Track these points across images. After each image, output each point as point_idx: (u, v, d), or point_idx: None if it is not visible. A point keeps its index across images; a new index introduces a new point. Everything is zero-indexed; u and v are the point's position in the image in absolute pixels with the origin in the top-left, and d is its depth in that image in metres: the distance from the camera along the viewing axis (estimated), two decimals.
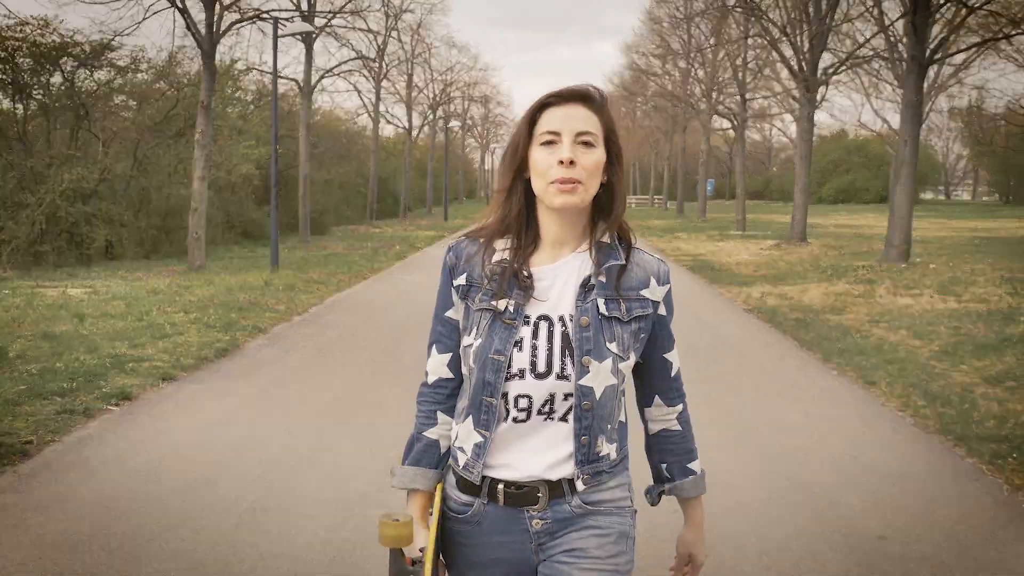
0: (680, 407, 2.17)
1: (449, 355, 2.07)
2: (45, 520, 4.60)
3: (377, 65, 36.60)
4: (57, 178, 17.33)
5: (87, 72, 20.03)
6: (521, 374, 1.94)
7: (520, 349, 1.95)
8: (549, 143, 1.91)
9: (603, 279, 1.97)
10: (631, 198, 77.67)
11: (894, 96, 53.12)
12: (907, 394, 7.53)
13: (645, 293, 2.01)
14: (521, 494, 1.99)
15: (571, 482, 1.98)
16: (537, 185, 1.94)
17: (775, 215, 45.46)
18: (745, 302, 13.72)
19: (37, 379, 7.45)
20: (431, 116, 50.12)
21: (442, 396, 2.10)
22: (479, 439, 1.98)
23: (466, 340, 2.02)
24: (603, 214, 2.01)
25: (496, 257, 2.00)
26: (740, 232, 30.46)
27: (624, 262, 2.00)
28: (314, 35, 24.56)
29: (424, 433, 2.11)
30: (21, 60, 18.69)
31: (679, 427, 2.16)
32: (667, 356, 2.11)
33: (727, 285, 15.97)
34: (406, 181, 45.52)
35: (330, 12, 25.28)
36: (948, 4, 17.30)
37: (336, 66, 27.78)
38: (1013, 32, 17.63)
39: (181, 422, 6.64)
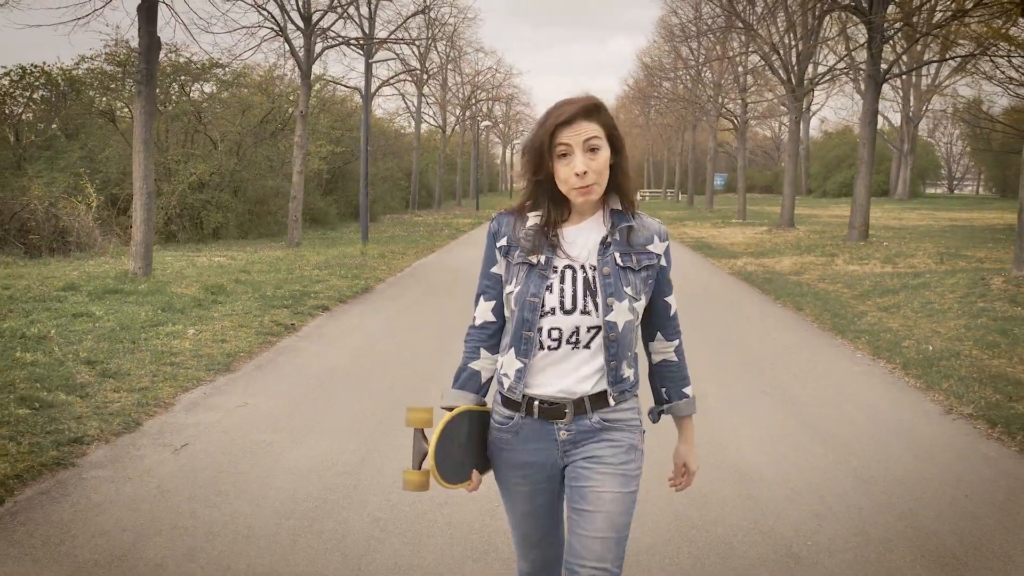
0: (677, 342, 2.66)
1: (494, 303, 2.59)
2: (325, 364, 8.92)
3: (420, 73, 40.94)
4: (185, 172, 21.71)
5: (199, 85, 24.47)
6: (552, 311, 2.45)
7: (551, 292, 2.45)
8: (564, 155, 2.41)
9: (617, 238, 2.49)
10: (645, 191, 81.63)
11: (894, 96, 57.13)
12: (820, 314, 11.72)
13: (651, 248, 2.53)
14: (552, 409, 2.49)
15: (592, 399, 2.49)
16: (562, 187, 2.46)
17: (779, 207, 49.36)
18: (730, 269, 17.89)
19: (269, 300, 11.73)
20: (461, 116, 54.63)
21: (486, 336, 2.61)
22: (520, 365, 2.49)
23: (508, 288, 2.53)
24: (614, 187, 2.53)
25: (529, 223, 2.52)
26: (740, 221, 34.52)
27: (632, 224, 2.52)
28: (375, 51, 28.78)
29: (469, 365, 2.62)
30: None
31: (676, 358, 2.65)
32: (667, 299, 2.61)
33: (719, 258, 20.15)
34: (440, 175, 50.03)
35: (391, 29, 29.59)
36: (896, 34, 21.37)
37: (392, 77, 32.01)
38: (948, 57, 21.72)
39: (365, 321, 10.95)
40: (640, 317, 2.55)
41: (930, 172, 78.57)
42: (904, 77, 45.53)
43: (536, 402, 2.49)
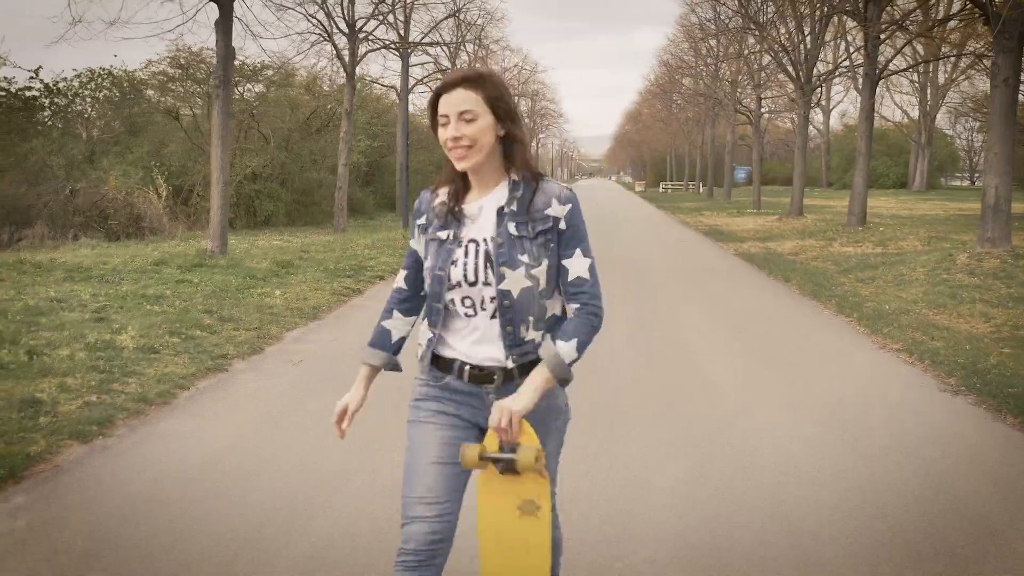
0: (575, 306, 2.66)
1: (407, 272, 2.84)
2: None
3: (450, 71, 43.08)
4: (240, 165, 23.91)
5: (251, 86, 26.73)
6: (459, 284, 2.63)
7: (455, 266, 2.62)
8: (444, 124, 2.58)
9: (514, 207, 2.61)
10: (667, 183, 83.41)
11: (911, 90, 58.67)
12: (804, 284, 13.69)
13: (548, 211, 2.62)
14: (482, 374, 2.66)
15: (520, 369, 2.64)
16: (447, 153, 2.62)
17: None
18: (735, 251, 19.84)
19: (332, 272, 13.83)
20: None
21: (398, 300, 2.86)
22: (430, 335, 2.72)
23: (426, 264, 2.71)
24: (510, 156, 2.64)
25: (439, 200, 2.71)
26: (754, 210, 36.32)
27: (525, 191, 2.63)
28: (410, 52, 30.95)
29: (382, 323, 2.87)
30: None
31: (575, 317, 2.67)
32: (566, 263, 2.64)
33: (727, 242, 22.10)
34: None
35: (424, 31, 31.64)
36: (890, 36, 23.24)
37: (425, 76, 34.08)
38: (938, 56, 23.59)
39: None
40: (548, 281, 2.63)
41: (949, 164, 79.64)
42: (920, 71, 47.23)
43: (467, 367, 2.67)
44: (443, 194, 2.69)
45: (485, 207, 2.65)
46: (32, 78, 24.04)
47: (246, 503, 4.53)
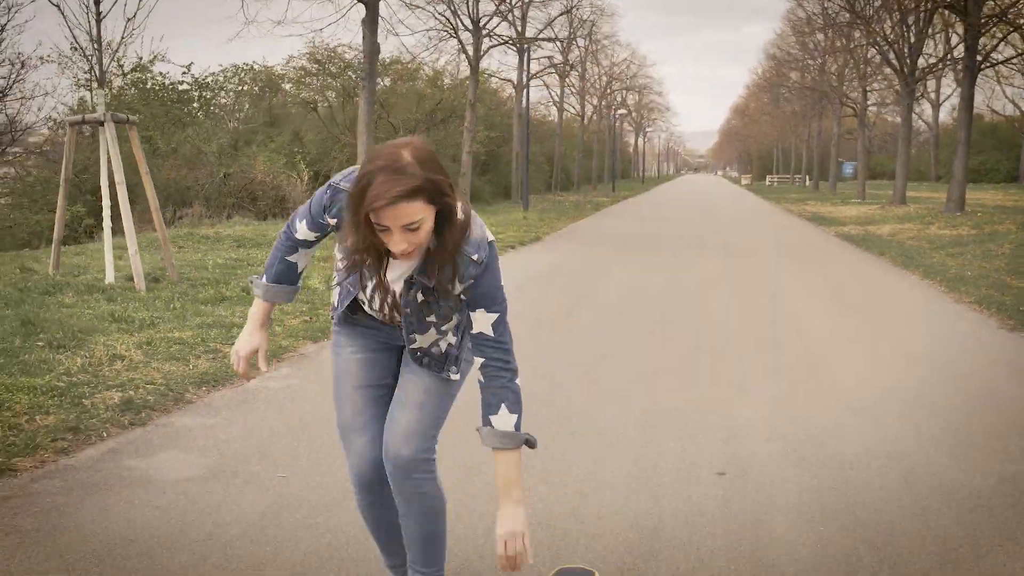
0: (480, 360, 2.48)
1: (314, 234, 2.58)
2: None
3: (562, 66, 44.83)
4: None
5: (381, 79, 28.83)
6: (369, 304, 2.55)
7: (365, 292, 2.52)
8: (383, 232, 2.24)
9: (424, 280, 2.42)
10: (773, 176, 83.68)
11: None
12: (896, 257, 14.96)
13: (457, 287, 2.44)
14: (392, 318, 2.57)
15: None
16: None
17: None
18: (835, 233, 21.06)
19: None
20: (598, 105, 58.48)
21: (302, 242, 2.62)
22: (342, 313, 2.66)
23: (339, 254, 2.51)
24: (439, 233, 2.33)
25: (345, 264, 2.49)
26: (859, 200, 37.15)
27: (448, 270, 2.39)
28: (527, 47, 32.78)
29: (286, 257, 2.65)
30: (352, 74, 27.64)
31: (481, 379, 2.48)
32: (472, 313, 2.47)
33: (828, 226, 23.30)
34: (578, 160, 54.02)
35: (539, 28, 33.52)
36: (992, 28, 24.07)
37: (540, 70, 35.93)
38: None
39: (544, 255, 14.80)
40: (461, 325, 2.60)
41: None
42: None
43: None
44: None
45: (397, 267, 2.46)
46: (184, 73, 26.53)
47: None
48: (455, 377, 2.65)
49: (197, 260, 12.01)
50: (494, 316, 2.45)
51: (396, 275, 2.47)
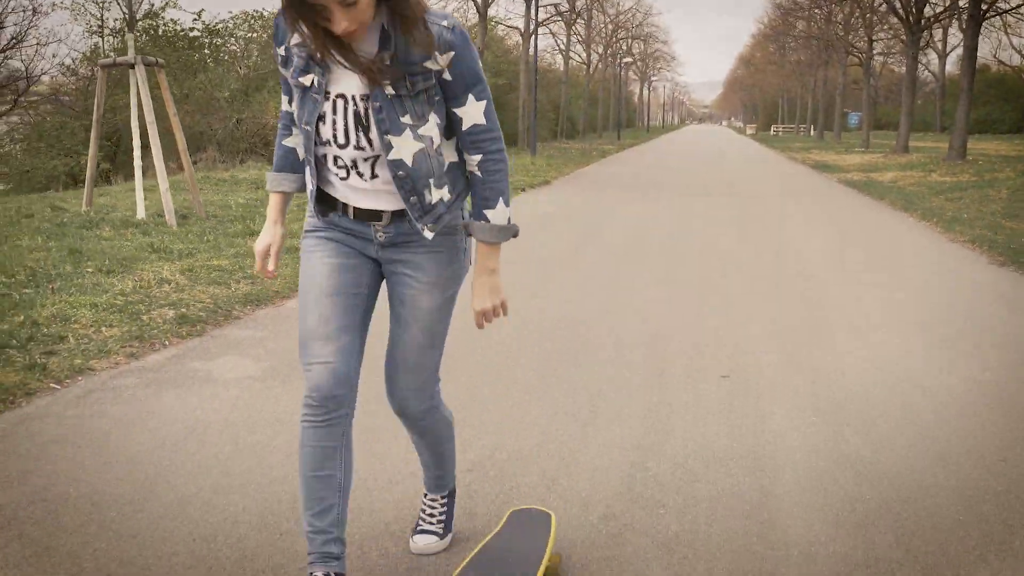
0: (478, 157, 2.34)
1: (288, 96, 2.43)
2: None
3: (569, 13, 44.91)
4: None
5: None
6: (329, 143, 2.28)
7: (323, 123, 2.25)
8: (323, 10, 2.05)
9: (387, 63, 2.15)
10: (778, 126, 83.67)
11: None
12: (896, 201, 15.37)
13: (428, 64, 2.18)
14: (367, 212, 2.36)
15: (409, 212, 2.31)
16: None
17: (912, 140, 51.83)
18: (839, 179, 21.44)
19: None
20: (604, 54, 58.51)
21: (292, 118, 2.48)
22: (311, 187, 2.40)
23: (292, 107, 2.37)
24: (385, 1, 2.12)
25: (295, 40, 2.23)
26: (863, 149, 37.43)
27: (405, 42, 2.14)
28: None
29: (283, 143, 2.53)
30: None
31: (479, 174, 2.36)
32: (456, 110, 2.29)
33: (832, 173, 23.68)
34: (584, 109, 54.18)
35: None
36: None
37: (547, 18, 36.05)
38: None
39: (553, 197, 15.21)
40: (440, 134, 2.32)
41: None
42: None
43: (352, 207, 2.38)
44: (300, 29, 2.18)
45: (352, 76, 2.23)
46: (195, 19, 26.79)
47: None
48: (428, 235, 2.37)
49: (219, 200, 12.45)
50: (483, 103, 2.29)
51: (355, 85, 2.23)
